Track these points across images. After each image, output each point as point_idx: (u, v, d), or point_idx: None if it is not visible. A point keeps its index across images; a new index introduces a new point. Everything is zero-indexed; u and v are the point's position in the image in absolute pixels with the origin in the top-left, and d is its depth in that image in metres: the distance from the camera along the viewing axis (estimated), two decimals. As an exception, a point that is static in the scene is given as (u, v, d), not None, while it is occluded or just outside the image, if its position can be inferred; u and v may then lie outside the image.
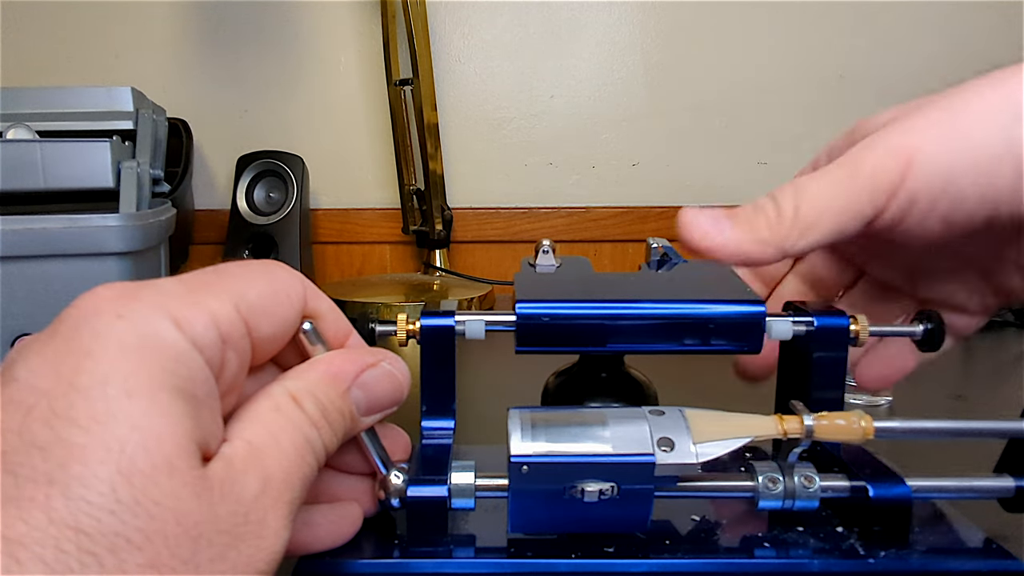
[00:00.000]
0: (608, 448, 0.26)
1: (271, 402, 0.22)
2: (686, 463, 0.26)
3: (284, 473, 0.20)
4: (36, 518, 0.16)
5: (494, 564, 0.27)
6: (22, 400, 0.17)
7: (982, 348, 0.71)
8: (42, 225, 0.52)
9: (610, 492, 0.26)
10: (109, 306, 0.19)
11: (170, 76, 0.96)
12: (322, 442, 0.22)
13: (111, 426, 0.17)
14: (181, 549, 0.17)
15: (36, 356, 0.18)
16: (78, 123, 0.64)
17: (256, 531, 0.19)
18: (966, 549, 0.28)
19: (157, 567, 0.16)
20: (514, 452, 0.26)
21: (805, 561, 0.27)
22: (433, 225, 0.90)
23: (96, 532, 0.16)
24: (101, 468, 0.16)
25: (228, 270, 0.22)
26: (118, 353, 0.18)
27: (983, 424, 0.29)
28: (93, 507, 0.16)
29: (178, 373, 0.19)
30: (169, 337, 0.19)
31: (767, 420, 0.28)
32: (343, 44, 0.96)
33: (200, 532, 0.17)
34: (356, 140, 0.98)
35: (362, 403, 0.24)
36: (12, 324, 0.52)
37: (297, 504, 0.21)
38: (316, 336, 0.25)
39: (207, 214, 0.95)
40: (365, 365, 0.25)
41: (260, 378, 0.24)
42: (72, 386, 0.17)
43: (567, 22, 0.95)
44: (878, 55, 0.94)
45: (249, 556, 0.18)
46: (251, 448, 0.20)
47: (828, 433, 0.27)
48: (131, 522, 0.16)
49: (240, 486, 0.19)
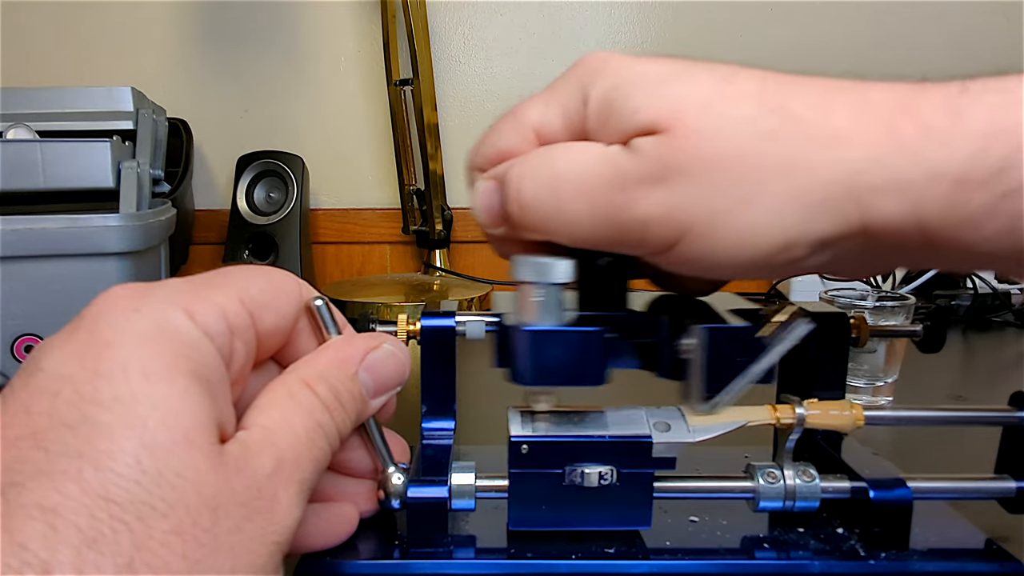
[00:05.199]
0: (606, 432, 0.27)
1: (285, 390, 0.23)
2: (682, 441, 0.27)
3: (296, 454, 0.21)
4: (69, 489, 0.17)
5: (494, 564, 0.27)
6: (49, 386, 0.19)
7: (982, 348, 0.71)
8: (42, 225, 0.52)
9: (609, 476, 0.27)
10: (125, 302, 0.20)
11: (170, 76, 0.95)
12: (334, 425, 0.24)
13: (133, 405, 0.18)
14: (202, 518, 0.18)
15: (59, 349, 0.19)
16: (78, 123, 0.64)
17: (269, 506, 0.20)
18: (966, 550, 0.28)
19: (181, 534, 0.18)
20: (514, 433, 0.27)
21: (805, 562, 0.27)
22: (433, 225, 0.90)
23: (125, 501, 0.17)
24: (126, 443, 0.18)
25: (230, 271, 0.24)
26: (136, 342, 0.19)
27: (972, 412, 0.29)
28: (121, 478, 0.17)
29: (192, 358, 0.20)
30: (182, 327, 0.21)
31: (760, 408, 0.28)
32: (343, 44, 0.96)
33: (218, 503, 0.19)
34: (356, 140, 0.98)
35: (370, 385, 0.26)
36: (12, 324, 0.52)
37: (309, 485, 0.22)
38: (327, 311, 0.26)
39: (207, 214, 0.95)
40: (368, 348, 0.26)
41: (262, 375, 0.25)
42: (95, 372, 0.19)
43: (567, 22, 0.95)
44: (878, 55, 0.94)
45: (263, 529, 0.20)
46: (265, 432, 0.21)
47: (820, 420, 0.28)
48: (155, 491, 0.18)
49: (254, 464, 0.20)
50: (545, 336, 0.26)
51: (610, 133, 0.24)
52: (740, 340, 0.25)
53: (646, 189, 0.22)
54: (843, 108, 0.22)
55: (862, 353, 0.50)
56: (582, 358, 0.26)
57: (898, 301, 0.51)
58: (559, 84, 0.26)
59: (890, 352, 0.51)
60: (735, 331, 0.26)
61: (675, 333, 0.27)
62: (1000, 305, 0.77)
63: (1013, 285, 0.78)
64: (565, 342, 0.26)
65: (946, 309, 0.77)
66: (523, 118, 0.26)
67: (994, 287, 0.77)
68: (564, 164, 0.24)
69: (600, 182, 0.23)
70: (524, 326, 0.26)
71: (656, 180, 0.22)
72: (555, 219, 0.24)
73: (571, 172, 0.24)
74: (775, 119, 0.22)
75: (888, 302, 0.51)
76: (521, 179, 0.24)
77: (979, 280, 0.77)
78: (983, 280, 0.77)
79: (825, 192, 0.21)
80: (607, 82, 0.24)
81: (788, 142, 0.22)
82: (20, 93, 0.64)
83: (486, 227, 0.27)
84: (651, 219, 0.23)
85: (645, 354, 0.28)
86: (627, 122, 0.23)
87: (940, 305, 0.77)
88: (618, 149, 0.23)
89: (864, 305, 0.51)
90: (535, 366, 0.26)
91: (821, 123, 0.22)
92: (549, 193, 0.24)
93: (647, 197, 0.23)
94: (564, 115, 0.25)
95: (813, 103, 0.22)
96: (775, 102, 0.22)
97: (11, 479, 0.17)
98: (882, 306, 0.51)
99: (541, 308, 0.25)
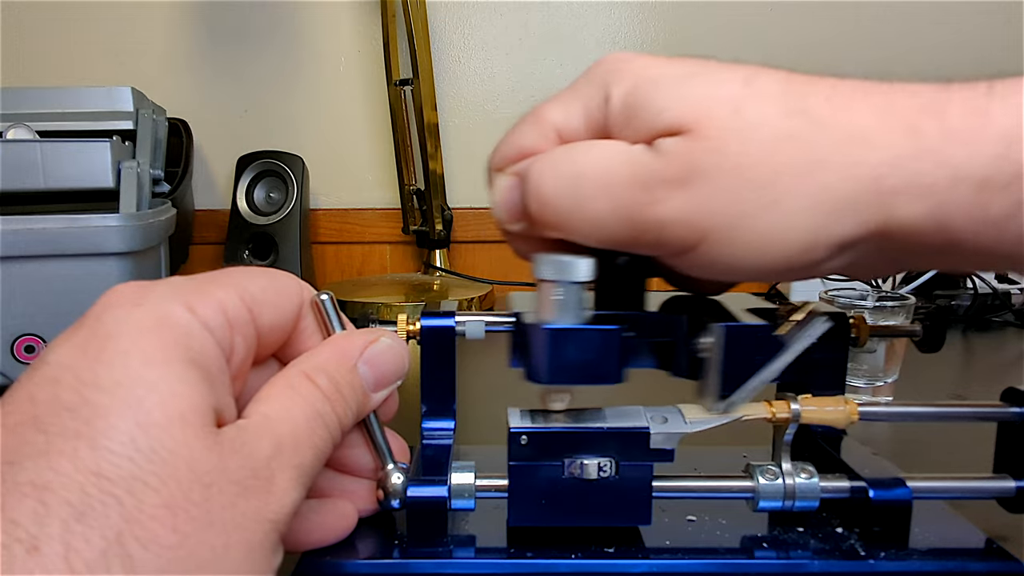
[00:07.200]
0: (605, 424, 0.27)
1: (285, 381, 0.24)
2: (680, 432, 0.27)
3: (295, 440, 0.22)
4: (63, 466, 0.17)
5: (494, 564, 0.27)
6: (51, 375, 0.19)
7: (982, 348, 0.71)
8: (42, 225, 0.52)
9: (609, 469, 0.27)
10: (127, 299, 0.21)
11: (170, 76, 0.96)
12: (335, 415, 0.24)
13: (131, 388, 0.19)
14: (193, 493, 0.18)
15: (63, 344, 0.20)
16: (78, 123, 0.64)
17: (264, 486, 0.20)
18: (966, 550, 0.28)
19: (172, 507, 0.18)
20: (513, 425, 0.27)
21: (805, 562, 0.27)
22: (433, 225, 0.90)
23: (116, 476, 0.18)
24: (121, 421, 0.18)
25: (232, 271, 0.24)
26: (137, 333, 0.20)
27: (966, 409, 0.29)
28: (114, 455, 0.18)
29: (191, 347, 0.21)
30: (182, 318, 0.21)
31: (756, 404, 0.28)
32: (343, 44, 0.96)
33: (212, 480, 0.19)
34: (356, 140, 0.98)
35: (369, 378, 0.26)
36: (12, 324, 0.52)
37: (307, 471, 0.22)
38: (331, 305, 0.27)
39: (207, 214, 0.95)
40: (368, 342, 0.26)
41: (264, 373, 0.25)
42: (97, 360, 0.19)
43: (567, 22, 0.95)
44: (878, 55, 0.93)
45: (258, 507, 0.20)
46: (265, 419, 0.22)
47: (815, 416, 0.28)
48: (147, 467, 0.18)
49: (251, 446, 0.21)
50: (564, 334, 0.26)
51: (633, 132, 0.24)
52: (758, 339, 0.26)
53: (669, 190, 0.23)
54: (866, 109, 0.22)
55: (862, 353, 0.50)
56: (600, 357, 0.26)
57: (898, 301, 0.51)
58: (580, 83, 0.26)
59: (890, 352, 0.51)
60: (753, 330, 0.26)
61: (693, 332, 0.27)
62: (1000, 305, 0.77)
63: (1013, 285, 0.78)
64: (584, 340, 0.26)
65: (946, 309, 0.77)
66: (544, 117, 0.26)
67: (994, 287, 0.77)
68: (586, 161, 0.24)
69: (622, 180, 0.23)
70: (543, 324, 0.26)
71: (680, 182, 0.22)
72: (575, 216, 0.24)
73: (593, 169, 0.24)
74: (798, 121, 0.22)
75: (888, 302, 0.51)
76: (542, 174, 0.24)
77: (979, 280, 0.77)
78: (983, 280, 0.77)
79: (847, 194, 0.21)
80: (629, 81, 0.24)
81: (811, 144, 0.22)
82: (20, 93, 0.64)
83: (504, 223, 0.27)
84: (672, 220, 0.23)
85: (661, 353, 0.28)
86: (651, 122, 0.23)
87: (940, 305, 0.77)
88: (642, 148, 0.23)
89: (864, 305, 0.51)
90: (553, 364, 0.26)
91: (843, 125, 0.22)
92: (570, 189, 0.24)
93: (669, 198, 0.23)
94: (586, 114, 0.25)
95: (836, 105, 0.22)
96: (798, 104, 0.22)
97: (9, 459, 0.18)
98: (882, 306, 0.51)
99: (561, 306, 0.26)
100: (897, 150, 0.21)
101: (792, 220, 0.22)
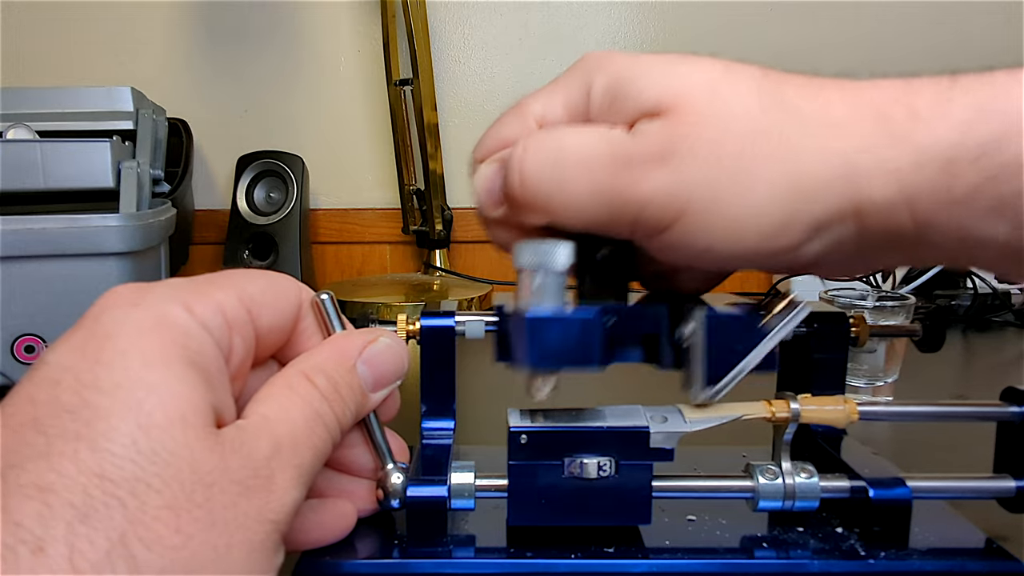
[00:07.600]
0: (604, 424, 0.27)
1: (284, 381, 0.24)
2: (679, 431, 0.27)
3: (294, 440, 0.22)
4: (66, 468, 0.18)
5: (494, 564, 0.27)
6: (51, 376, 0.19)
7: (982, 348, 0.71)
8: (42, 225, 0.52)
9: (609, 468, 0.27)
10: (126, 299, 0.21)
11: (170, 76, 0.95)
12: (334, 415, 0.24)
13: (131, 389, 0.19)
14: (196, 494, 0.19)
15: (63, 345, 0.20)
16: (78, 123, 0.64)
17: (265, 485, 0.20)
18: (966, 550, 0.28)
19: (175, 508, 0.18)
20: (513, 425, 0.27)
21: (805, 561, 0.27)
22: (433, 225, 0.90)
23: (119, 478, 0.18)
24: (122, 423, 0.18)
25: (231, 273, 0.25)
26: (136, 334, 0.20)
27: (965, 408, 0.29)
28: (116, 457, 0.18)
29: (190, 347, 0.21)
30: (181, 319, 0.21)
31: (756, 403, 0.28)
32: (343, 44, 0.96)
33: (213, 480, 0.19)
34: (356, 140, 0.98)
35: (368, 378, 0.26)
36: (12, 324, 0.52)
37: (307, 471, 0.22)
38: (331, 305, 0.27)
39: (207, 214, 0.95)
40: (366, 342, 0.26)
41: (263, 375, 0.25)
42: (96, 361, 0.19)
43: (567, 22, 0.95)
44: (878, 54, 0.93)
45: (259, 507, 0.20)
46: (264, 419, 0.22)
47: (814, 415, 0.28)
48: (149, 468, 0.18)
49: (251, 446, 0.21)
50: (545, 319, 0.26)
51: (614, 116, 0.25)
52: (740, 326, 0.26)
53: (648, 169, 0.23)
54: (837, 100, 0.23)
55: (862, 353, 0.50)
56: (582, 340, 0.26)
57: (898, 301, 0.51)
58: (562, 78, 0.27)
59: (890, 352, 0.51)
60: (735, 317, 0.26)
61: (675, 321, 0.27)
62: (1000, 305, 0.77)
63: (1013, 285, 0.78)
64: (565, 324, 0.26)
65: (946, 309, 0.77)
66: (527, 109, 0.27)
67: (994, 287, 0.77)
68: (568, 142, 0.25)
69: (603, 160, 0.24)
70: (524, 310, 0.26)
71: (659, 161, 0.23)
72: (555, 196, 0.25)
73: (575, 149, 0.24)
74: (775, 107, 0.23)
75: (888, 302, 0.51)
76: (525, 153, 0.25)
77: (979, 280, 0.77)
78: (983, 280, 0.77)
79: (820, 177, 0.22)
80: (611, 71, 0.25)
81: (786, 129, 0.23)
82: (20, 93, 0.64)
83: (485, 210, 0.27)
84: (650, 199, 0.23)
85: (646, 346, 0.28)
86: (632, 105, 0.24)
87: (940, 305, 0.77)
88: (622, 130, 0.24)
89: (864, 305, 0.51)
90: (536, 349, 0.26)
91: (817, 113, 0.23)
92: (552, 168, 0.24)
93: (648, 178, 0.23)
94: (567, 105, 0.26)
95: (809, 95, 0.23)
96: (773, 91, 0.23)
97: (11, 462, 0.18)
98: (882, 306, 0.51)
99: (541, 293, 0.26)
100: (867, 136, 0.22)
101: (765, 200, 0.23)
